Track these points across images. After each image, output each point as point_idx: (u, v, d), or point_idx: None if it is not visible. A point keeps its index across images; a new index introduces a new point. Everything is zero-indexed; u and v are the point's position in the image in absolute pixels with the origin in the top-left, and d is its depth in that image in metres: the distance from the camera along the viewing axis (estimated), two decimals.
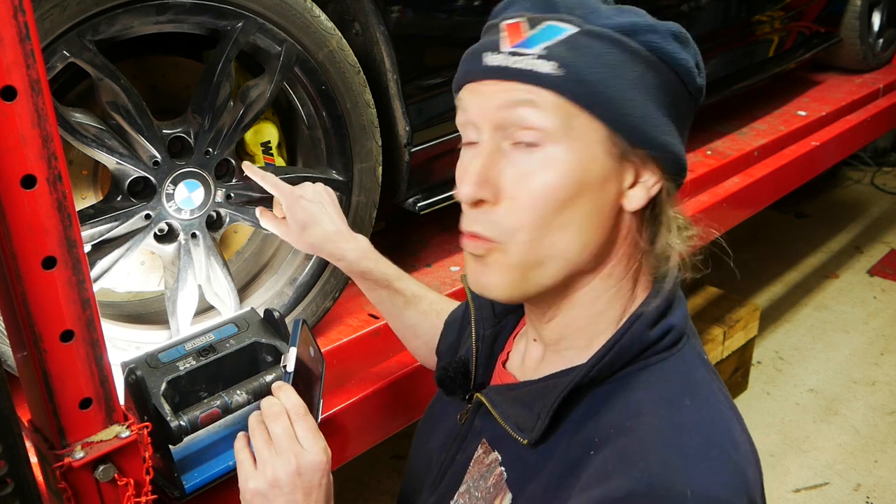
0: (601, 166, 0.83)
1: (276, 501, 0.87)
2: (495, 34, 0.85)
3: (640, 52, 0.82)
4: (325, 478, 0.89)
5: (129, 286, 1.56)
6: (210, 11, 1.32)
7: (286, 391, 0.93)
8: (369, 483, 2.79)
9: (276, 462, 0.87)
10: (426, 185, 1.83)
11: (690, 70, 0.85)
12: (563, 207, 0.82)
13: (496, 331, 1.06)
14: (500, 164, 0.84)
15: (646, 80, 0.82)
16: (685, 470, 0.77)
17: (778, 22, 2.98)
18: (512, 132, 0.83)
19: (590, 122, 0.81)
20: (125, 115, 1.30)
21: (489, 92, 0.84)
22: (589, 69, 0.80)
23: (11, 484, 0.94)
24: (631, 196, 0.86)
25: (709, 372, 0.89)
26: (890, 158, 5.25)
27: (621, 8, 0.85)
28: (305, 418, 0.91)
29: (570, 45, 0.80)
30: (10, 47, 0.83)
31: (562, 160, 0.81)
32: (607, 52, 0.81)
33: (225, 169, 1.47)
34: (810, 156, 2.89)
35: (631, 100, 0.81)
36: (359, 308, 1.73)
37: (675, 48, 0.83)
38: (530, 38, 0.82)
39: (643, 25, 0.82)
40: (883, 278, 4.06)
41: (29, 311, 0.93)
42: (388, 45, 1.61)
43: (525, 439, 0.87)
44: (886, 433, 3.05)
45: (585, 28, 0.81)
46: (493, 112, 0.83)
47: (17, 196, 0.88)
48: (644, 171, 0.85)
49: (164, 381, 1.16)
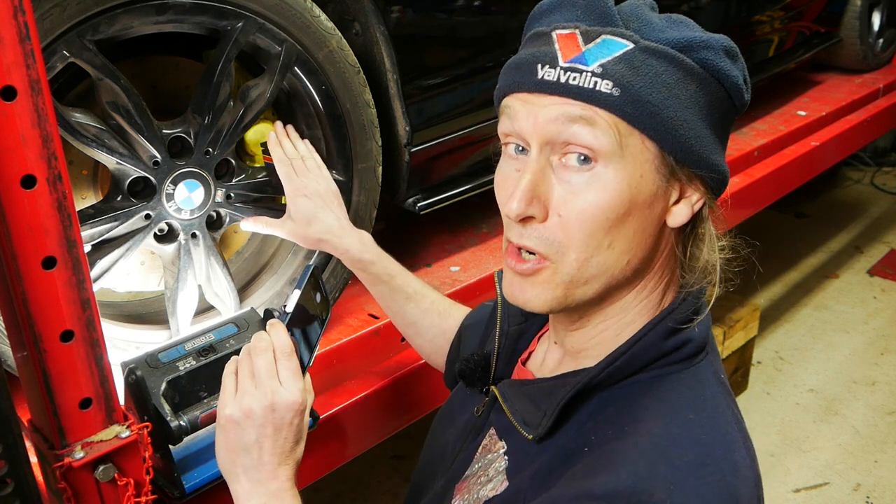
0: (651, 185, 0.82)
1: (247, 430, 0.89)
2: (547, 44, 0.83)
3: (694, 69, 0.81)
4: (297, 418, 0.91)
5: (129, 286, 1.56)
6: (210, 11, 1.32)
7: (277, 329, 0.94)
8: (369, 483, 2.79)
9: (254, 394, 0.90)
10: (426, 185, 1.83)
11: (740, 86, 0.84)
12: (612, 227, 0.82)
13: (521, 329, 1.06)
14: (550, 181, 0.83)
15: (699, 99, 0.82)
16: (671, 481, 0.77)
17: (778, 22, 2.98)
18: (563, 148, 0.82)
19: (643, 141, 0.81)
20: (125, 115, 1.30)
21: (542, 105, 0.82)
22: (646, 90, 0.79)
23: (11, 484, 0.94)
24: (675, 212, 0.86)
25: (723, 392, 0.89)
26: (890, 158, 5.25)
27: (671, 18, 0.84)
28: (289, 358, 0.92)
29: (627, 63, 0.79)
30: (10, 47, 0.83)
31: (613, 179, 0.81)
32: (664, 71, 0.80)
33: (225, 169, 1.47)
34: (810, 156, 2.89)
35: (685, 120, 0.81)
36: (359, 308, 1.73)
37: (727, 64, 0.83)
38: (587, 53, 0.80)
39: (698, 41, 0.81)
40: (883, 278, 4.06)
41: (29, 311, 0.93)
42: (388, 45, 1.61)
43: (530, 434, 0.88)
44: (886, 433, 3.05)
45: (642, 44, 0.80)
46: (545, 126, 0.82)
47: (17, 196, 0.88)
48: (689, 187, 0.85)
49: (165, 381, 1.17)
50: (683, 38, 0.81)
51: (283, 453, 0.90)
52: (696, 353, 0.88)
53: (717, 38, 0.83)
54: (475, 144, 1.88)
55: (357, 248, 1.32)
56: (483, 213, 2.17)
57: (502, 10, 1.80)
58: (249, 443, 0.89)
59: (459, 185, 1.87)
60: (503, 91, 0.88)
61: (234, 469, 0.91)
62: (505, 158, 0.89)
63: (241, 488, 0.90)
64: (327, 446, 1.51)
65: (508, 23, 1.81)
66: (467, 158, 1.89)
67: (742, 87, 0.85)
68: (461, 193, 1.86)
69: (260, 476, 0.90)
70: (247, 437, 0.89)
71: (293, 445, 0.92)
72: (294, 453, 0.92)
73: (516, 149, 0.87)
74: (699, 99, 0.82)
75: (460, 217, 2.15)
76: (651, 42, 0.80)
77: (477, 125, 1.85)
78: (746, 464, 0.83)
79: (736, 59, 0.85)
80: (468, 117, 1.82)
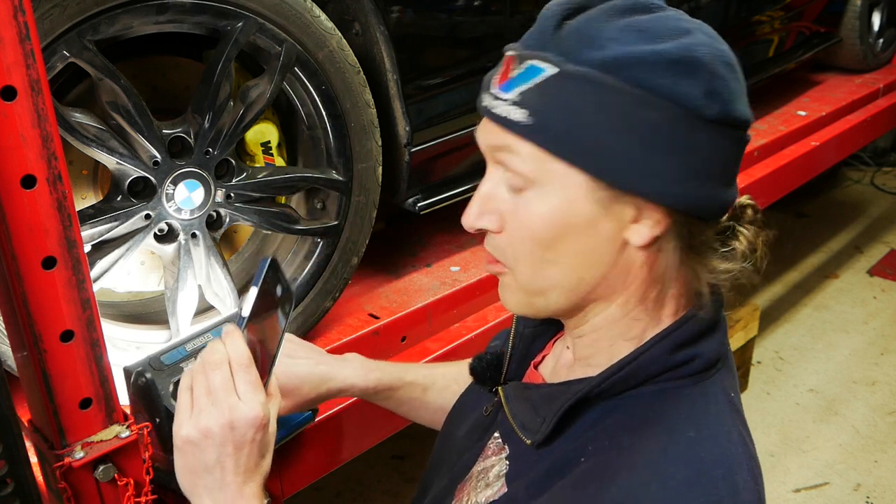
0: (584, 210, 0.81)
1: (206, 451, 0.85)
2: (497, 66, 0.85)
3: (625, 90, 0.76)
4: (259, 433, 0.86)
5: (129, 286, 1.56)
6: (210, 11, 1.32)
7: (233, 338, 0.89)
8: (369, 483, 2.79)
9: (211, 412, 0.85)
10: (426, 185, 1.83)
11: (695, 100, 0.77)
12: (548, 246, 0.83)
13: (537, 331, 1.05)
14: (503, 195, 0.85)
15: (633, 120, 0.77)
16: (661, 499, 0.76)
17: (778, 22, 2.98)
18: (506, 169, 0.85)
19: (566, 168, 0.79)
20: (125, 115, 1.30)
21: (484, 129, 0.86)
22: (556, 117, 0.78)
23: (11, 484, 0.94)
24: (633, 231, 0.83)
25: (731, 411, 0.87)
26: (890, 158, 5.25)
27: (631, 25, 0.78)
28: (247, 370, 0.87)
29: (541, 91, 0.79)
30: (10, 47, 0.83)
31: (540, 204, 0.82)
32: (580, 96, 0.77)
33: (225, 169, 1.47)
34: (810, 156, 2.89)
35: (607, 146, 0.77)
36: (359, 308, 1.73)
37: (669, 81, 0.76)
38: (511, 80, 0.81)
39: (633, 58, 0.76)
40: (883, 278, 4.06)
41: (29, 311, 0.93)
42: (388, 45, 1.61)
43: (529, 440, 0.87)
44: (886, 433, 3.05)
45: (564, 69, 0.78)
46: (487, 150, 0.86)
47: (17, 196, 0.88)
48: (645, 209, 0.81)
49: (171, 383, 1.16)
50: (613, 55, 0.76)
51: (248, 471, 0.87)
52: (705, 368, 0.86)
53: (662, 49, 0.76)
54: (475, 144, 1.88)
55: (359, 376, 1.21)
56: None
57: (502, 10, 1.80)
58: (210, 463, 0.85)
59: (459, 185, 1.87)
60: None
61: (197, 490, 0.87)
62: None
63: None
64: (327, 446, 1.51)
65: (508, 23, 1.81)
66: (467, 158, 1.89)
67: (700, 101, 0.77)
68: (461, 193, 1.86)
69: (225, 497, 0.86)
70: (207, 458, 0.85)
71: (258, 461, 0.88)
72: (259, 468, 0.89)
73: None
74: (635, 120, 0.77)
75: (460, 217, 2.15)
76: (573, 65, 0.78)
77: (477, 125, 1.85)
78: (749, 486, 0.81)
79: (691, 72, 0.76)
80: (468, 117, 1.82)
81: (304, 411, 1.29)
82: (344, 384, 1.20)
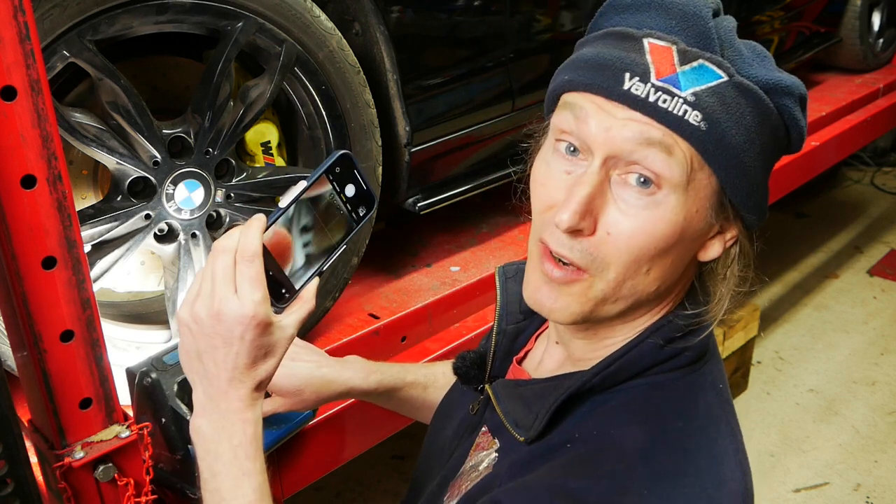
0: (703, 221, 0.80)
1: (196, 337, 0.81)
2: (637, 52, 0.77)
3: (772, 114, 0.79)
4: (249, 333, 0.79)
5: (129, 286, 1.56)
6: (210, 11, 1.32)
7: (249, 227, 0.82)
8: (369, 483, 2.79)
9: (205, 299, 0.80)
10: (426, 185, 1.83)
11: (803, 136, 0.82)
12: (657, 255, 0.80)
13: (519, 328, 1.05)
14: (605, 196, 0.79)
15: (768, 146, 0.80)
16: (646, 486, 0.76)
17: (778, 22, 2.98)
18: (627, 166, 0.78)
19: (710, 177, 0.78)
20: (125, 115, 1.30)
21: (620, 119, 0.77)
22: (732, 130, 0.76)
23: (11, 484, 0.94)
24: (709, 247, 0.84)
25: (720, 403, 0.87)
26: (890, 158, 5.25)
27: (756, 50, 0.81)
28: (249, 263, 0.80)
29: (719, 97, 0.76)
30: (10, 47, 0.83)
31: (672, 210, 0.78)
32: (749, 112, 0.77)
33: (225, 169, 1.47)
34: (810, 156, 2.89)
35: (755, 166, 0.79)
36: (359, 308, 1.73)
37: (799, 113, 0.81)
38: (681, 75, 0.76)
39: (783, 85, 0.79)
40: (883, 278, 4.06)
41: (29, 311, 0.93)
42: (388, 45, 1.61)
43: (522, 437, 0.87)
44: (886, 433, 3.05)
45: (736, 79, 0.77)
46: (618, 141, 0.77)
47: (17, 196, 0.88)
48: (728, 225, 0.83)
49: (175, 383, 1.16)
50: (771, 79, 0.78)
51: (236, 369, 0.81)
52: (693, 360, 0.87)
53: (797, 84, 0.80)
54: (475, 144, 1.88)
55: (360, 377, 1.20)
56: (483, 213, 2.17)
57: (502, 10, 1.80)
58: (200, 350, 0.81)
59: (459, 185, 1.87)
60: (574, 86, 0.81)
61: (192, 376, 0.84)
62: (554, 154, 0.83)
63: (197, 401, 0.84)
64: (327, 446, 1.51)
65: (508, 23, 1.81)
66: (467, 158, 1.89)
67: (804, 136, 0.83)
68: (461, 193, 1.86)
69: (211, 391, 0.82)
70: (198, 344, 0.81)
71: (249, 363, 0.81)
72: (252, 371, 0.82)
73: (568, 148, 0.82)
74: (769, 145, 0.80)
75: (460, 217, 2.15)
76: (743, 78, 0.77)
77: (477, 125, 1.85)
78: (736, 478, 0.81)
79: (805, 108, 0.82)
80: (468, 117, 1.82)
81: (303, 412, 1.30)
82: (345, 387, 1.19)
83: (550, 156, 0.84)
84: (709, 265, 0.88)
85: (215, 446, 0.82)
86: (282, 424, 1.29)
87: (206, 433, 0.83)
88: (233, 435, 0.82)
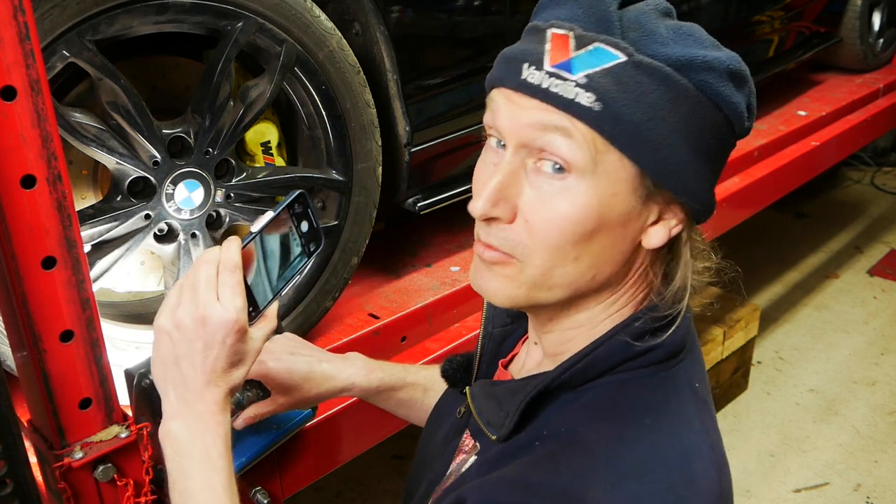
0: (624, 204, 0.79)
1: (177, 343, 0.86)
2: (539, 42, 0.79)
3: (689, 91, 0.77)
4: (230, 337, 0.86)
5: (128, 286, 1.56)
6: (210, 11, 1.32)
7: (229, 244, 0.89)
8: (369, 483, 2.79)
9: (188, 306, 0.86)
10: (426, 185, 1.83)
11: (741, 113, 0.80)
12: (578, 241, 0.79)
13: (506, 331, 1.05)
14: (521, 183, 0.80)
15: (689, 123, 0.78)
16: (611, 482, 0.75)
17: (778, 22, 2.98)
18: (538, 154, 0.79)
19: (621, 160, 0.77)
20: (125, 115, 1.30)
21: (523, 107, 0.79)
22: (629, 108, 0.75)
23: (11, 484, 0.94)
24: (651, 234, 0.83)
25: (694, 401, 0.86)
26: (890, 158, 5.25)
27: (680, 30, 0.79)
28: (231, 273, 0.87)
29: (614, 77, 0.75)
30: (10, 47, 0.83)
31: (584, 194, 0.78)
32: (654, 90, 0.76)
33: (225, 169, 1.47)
34: (810, 156, 2.89)
35: (669, 145, 0.77)
36: (359, 308, 1.73)
37: (728, 89, 0.78)
38: (575, 59, 0.76)
39: (700, 61, 0.76)
40: (883, 278, 4.06)
41: (28, 312, 0.93)
42: (388, 45, 1.61)
43: (494, 435, 0.87)
44: (887, 433, 3.05)
45: (636, 59, 0.76)
46: (522, 129, 0.79)
47: (17, 196, 0.88)
48: (668, 211, 0.82)
49: None
50: (684, 55, 0.76)
51: (213, 373, 0.86)
52: (667, 357, 0.86)
53: (724, 58, 0.78)
54: (475, 144, 1.88)
55: (361, 375, 1.20)
56: None
57: (502, 10, 1.80)
58: (179, 356, 0.86)
59: (459, 185, 1.87)
60: (491, 82, 0.85)
61: (165, 384, 0.88)
62: (486, 149, 0.87)
63: (169, 406, 0.88)
64: (327, 446, 1.51)
65: (508, 23, 1.81)
66: (467, 158, 1.89)
67: (743, 114, 0.80)
68: (461, 193, 1.86)
69: (186, 394, 0.87)
70: (177, 350, 0.86)
71: (225, 367, 0.87)
72: (227, 376, 0.88)
73: (497, 142, 0.84)
74: (690, 123, 0.78)
75: (460, 217, 2.14)
76: (646, 57, 0.76)
77: (477, 125, 1.85)
78: (710, 476, 0.80)
79: (742, 84, 0.80)
80: (468, 117, 1.82)
81: (303, 409, 1.29)
82: (346, 383, 1.19)
83: (484, 151, 0.87)
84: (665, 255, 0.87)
85: (189, 447, 0.87)
86: (281, 425, 1.29)
87: (180, 435, 0.87)
88: (206, 434, 0.87)
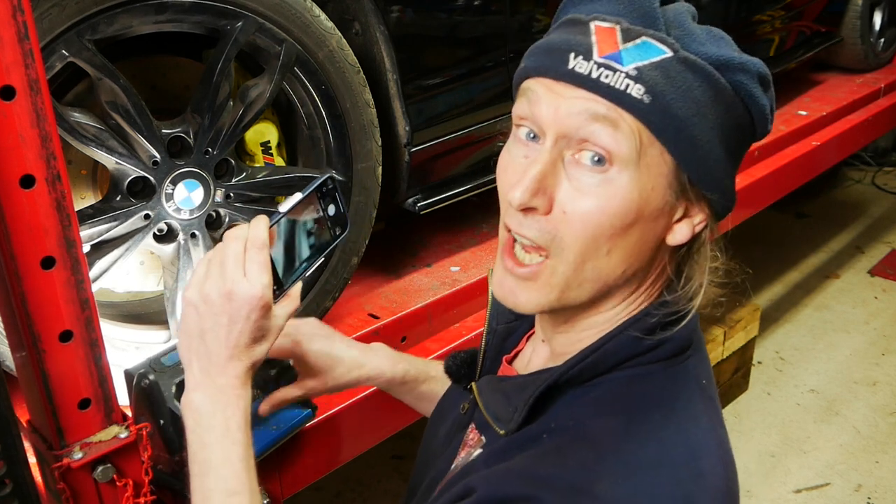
0: (660, 199, 0.80)
1: (204, 317, 0.87)
2: (584, 34, 0.79)
3: (726, 91, 0.79)
4: (255, 313, 0.87)
5: (128, 286, 1.56)
6: (210, 11, 1.32)
7: (257, 223, 0.91)
8: (369, 483, 2.79)
9: (216, 280, 0.87)
10: (426, 185, 1.83)
11: (766, 116, 0.83)
12: (614, 234, 0.80)
13: (510, 328, 1.05)
14: (559, 175, 0.80)
15: (724, 121, 0.80)
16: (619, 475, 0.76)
17: (778, 21, 2.98)
18: (578, 145, 0.79)
19: (662, 154, 0.78)
20: (124, 114, 1.30)
21: (567, 97, 0.79)
22: (677, 103, 0.77)
23: (10, 484, 0.94)
24: (676, 230, 0.84)
25: (702, 397, 0.87)
26: (891, 158, 5.24)
27: (712, 32, 0.81)
28: (259, 251, 0.89)
29: (663, 71, 0.76)
30: (9, 47, 0.83)
31: (625, 187, 0.78)
32: (698, 87, 0.78)
33: (224, 169, 1.47)
34: (811, 156, 2.89)
35: (708, 141, 0.79)
36: (359, 308, 1.73)
37: (758, 91, 0.81)
38: (624, 52, 0.77)
39: (736, 62, 0.79)
40: (884, 278, 4.06)
41: (28, 312, 0.93)
42: (388, 45, 1.61)
43: (502, 430, 0.87)
44: (887, 433, 3.04)
45: (682, 54, 0.77)
46: (566, 119, 0.79)
47: (17, 196, 0.88)
48: (694, 208, 0.84)
49: (174, 384, 1.16)
50: (722, 55, 0.78)
51: (237, 347, 0.87)
52: (675, 353, 0.86)
53: (755, 62, 0.80)
54: (475, 144, 1.88)
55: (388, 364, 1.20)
56: (483, 213, 2.17)
57: (502, 10, 1.80)
58: (205, 329, 0.87)
59: (459, 185, 1.87)
60: (527, 72, 0.83)
61: (189, 355, 0.89)
62: (514, 141, 0.86)
63: (192, 378, 0.89)
64: (327, 446, 1.51)
65: (508, 23, 1.81)
66: (467, 158, 1.89)
67: (768, 116, 0.83)
68: (461, 193, 1.86)
69: (210, 367, 0.88)
70: (203, 323, 0.87)
71: (249, 342, 0.88)
72: (250, 351, 0.89)
73: (528, 134, 0.83)
74: (725, 121, 0.80)
75: (460, 217, 2.15)
76: (690, 54, 0.78)
77: (477, 125, 1.85)
78: (717, 473, 0.80)
79: (768, 88, 0.82)
80: (468, 117, 1.82)
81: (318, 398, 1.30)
82: (374, 371, 1.19)
83: (512, 143, 0.86)
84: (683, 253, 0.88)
85: (209, 419, 0.88)
86: (282, 424, 1.29)
87: (201, 406, 0.88)
88: (227, 407, 0.88)
